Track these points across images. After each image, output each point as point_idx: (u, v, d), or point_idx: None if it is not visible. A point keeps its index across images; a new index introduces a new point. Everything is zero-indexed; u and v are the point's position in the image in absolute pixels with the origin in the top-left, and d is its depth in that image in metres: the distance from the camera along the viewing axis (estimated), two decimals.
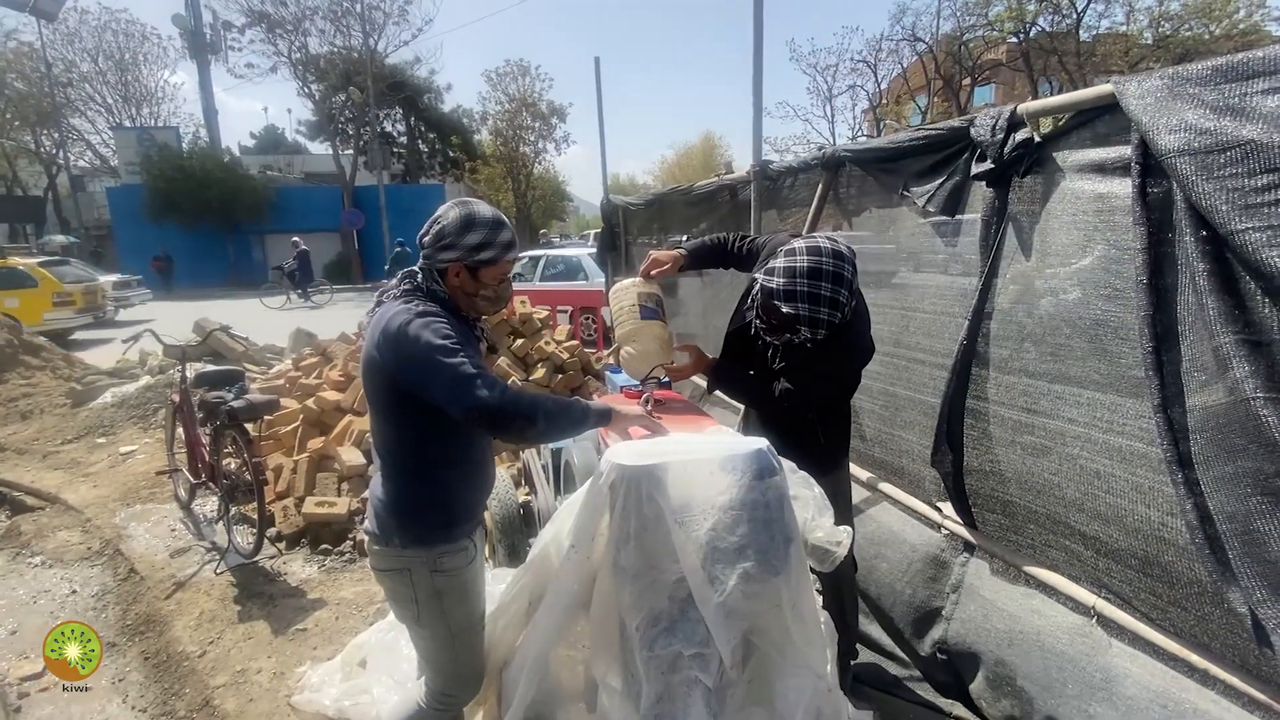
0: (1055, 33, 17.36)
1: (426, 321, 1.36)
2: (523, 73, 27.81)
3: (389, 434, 1.50)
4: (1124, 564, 1.63)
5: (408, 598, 1.50)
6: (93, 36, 26.58)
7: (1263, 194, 1.16)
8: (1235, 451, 1.23)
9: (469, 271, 1.47)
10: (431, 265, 1.48)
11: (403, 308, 1.40)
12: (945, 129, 2.06)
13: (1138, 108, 1.42)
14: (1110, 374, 1.57)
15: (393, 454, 1.51)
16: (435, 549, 1.48)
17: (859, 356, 1.80)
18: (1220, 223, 1.21)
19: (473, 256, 1.44)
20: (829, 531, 1.65)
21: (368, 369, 1.45)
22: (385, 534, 1.49)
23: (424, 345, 1.32)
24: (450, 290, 1.50)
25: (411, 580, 1.48)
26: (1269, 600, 1.22)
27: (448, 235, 1.43)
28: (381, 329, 1.39)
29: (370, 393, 1.48)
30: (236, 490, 3.28)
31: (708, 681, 1.42)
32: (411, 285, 1.49)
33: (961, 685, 2.02)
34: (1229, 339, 1.21)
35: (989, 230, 1.88)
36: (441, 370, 1.31)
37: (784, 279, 1.61)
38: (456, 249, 1.43)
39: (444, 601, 1.50)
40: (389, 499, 1.50)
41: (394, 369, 1.38)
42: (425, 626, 1.53)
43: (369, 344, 1.44)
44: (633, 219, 5.61)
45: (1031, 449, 1.82)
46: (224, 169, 21.47)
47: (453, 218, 1.44)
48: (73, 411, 5.78)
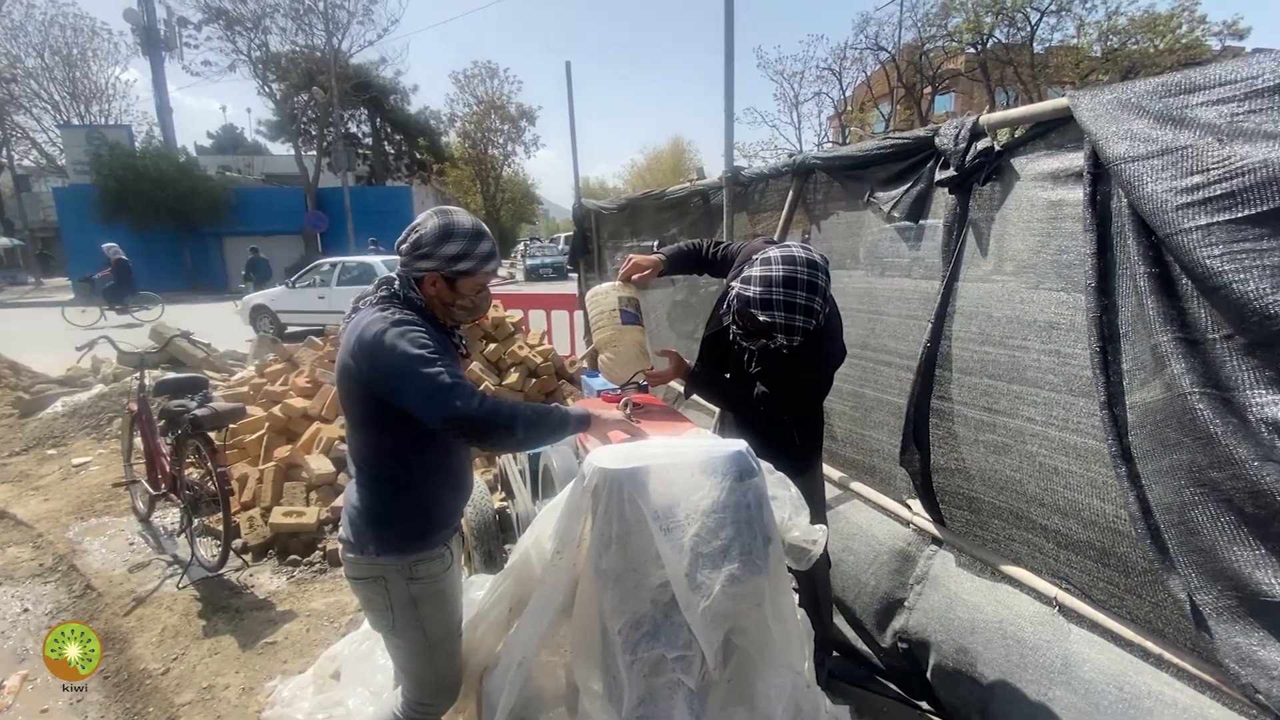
0: (1011, 45, 18.03)
1: (402, 330, 1.34)
2: (491, 75, 27.72)
3: (364, 441, 1.47)
4: (1082, 555, 1.70)
5: (383, 606, 1.48)
6: (39, 31, 25.53)
7: (1195, 193, 1.24)
8: (1171, 445, 1.31)
9: (446, 281, 1.45)
10: (409, 273, 1.46)
11: (378, 315, 1.38)
12: (911, 138, 2.13)
13: (1090, 119, 1.51)
14: (1064, 374, 1.65)
15: (367, 461, 1.48)
16: (410, 556, 1.46)
17: (832, 361, 1.85)
18: (1159, 224, 1.29)
19: (450, 267, 1.42)
20: (805, 530, 1.69)
21: (342, 377, 1.43)
22: (360, 542, 1.46)
23: (399, 354, 1.31)
24: (427, 298, 1.48)
25: (387, 588, 1.46)
26: (1204, 586, 1.30)
27: (425, 244, 1.40)
28: (356, 337, 1.37)
29: (345, 400, 1.46)
30: (200, 501, 3.18)
31: (690, 683, 1.45)
32: (388, 292, 1.47)
33: (920, 673, 2.08)
34: (1167, 338, 1.29)
35: (951, 235, 1.95)
36: (418, 380, 1.30)
37: (760, 288, 1.64)
38: (434, 258, 1.41)
39: (420, 609, 1.49)
40: (363, 507, 1.47)
41: (369, 378, 1.36)
42: (401, 636, 1.51)
43: (343, 351, 1.41)
44: (605, 223, 5.63)
45: (993, 447, 1.89)
46: (180, 169, 20.73)
47: (431, 227, 1.41)
48: (20, 422, 5.51)
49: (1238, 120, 1.26)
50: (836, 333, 1.85)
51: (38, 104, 26.58)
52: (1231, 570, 1.28)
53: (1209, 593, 1.32)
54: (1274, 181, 1.15)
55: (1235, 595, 1.29)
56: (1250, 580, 1.25)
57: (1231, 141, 1.24)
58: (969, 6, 17.71)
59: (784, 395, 1.81)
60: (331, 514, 3.46)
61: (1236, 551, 1.26)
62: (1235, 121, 1.26)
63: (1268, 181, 1.16)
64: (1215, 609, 1.31)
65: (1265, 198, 1.15)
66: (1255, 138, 1.22)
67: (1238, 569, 1.26)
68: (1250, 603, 1.27)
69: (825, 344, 1.79)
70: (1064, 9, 16.97)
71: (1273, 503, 1.17)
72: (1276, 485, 1.16)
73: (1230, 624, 1.30)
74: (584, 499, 1.40)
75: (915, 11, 19.60)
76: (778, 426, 1.89)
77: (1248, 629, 1.28)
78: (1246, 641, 1.27)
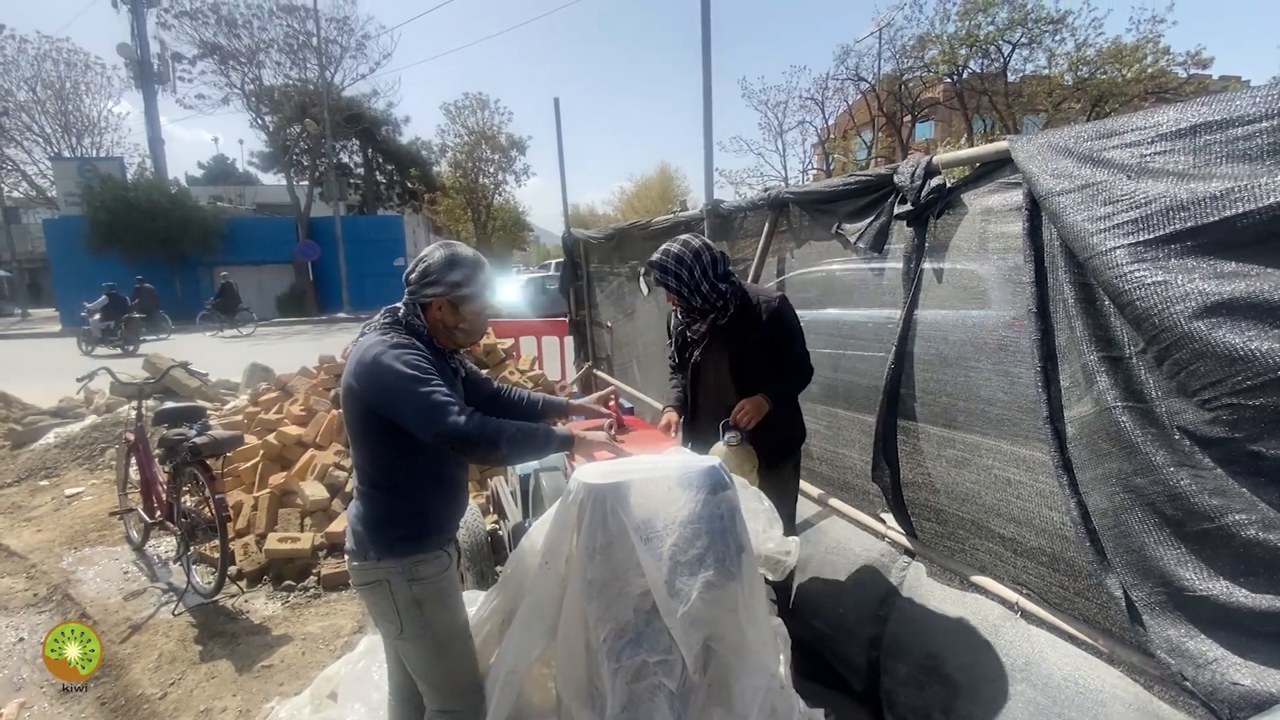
0: (985, 74, 18.65)
1: (399, 353, 1.48)
2: (482, 106, 28.20)
3: (363, 454, 1.59)
4: (1036, 561, 1.83)
5: (389, 610, 1.56)
6: (31, 65, 25.78)
7: (1107, 220, 1.39)
8: (1103, 455, 1.45)
9: (451, 306, 1.59)
10: (415, 300, 1.59)
11: (379, 339, 1.52)
12: (873, 175, 2.30)
13: (1025, 159, 1.67)
14: (1013, 392, 1.79)
15: (366, 472, 1.60)
16: (410, 558, 1.56)
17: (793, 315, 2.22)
18: (1080, 249, 1.44)
19: (454, 292, 1.57)
20: (779, 542, 1.80)
21: (345, 396, 1.56)
22: (361, 548, 1.57)
23: (396, 373, 1.45)
24: (430, 324, 1.61)
25: (390, 591, 1.55)
26: (1138, 584, 1.42)
27: (433, 272, 1.56)
28: (358, 358, 1.51)
29: (347, 418, 1.58)
30: (196, 529, 3.24)
31: (672, 685, 1.54)
32: (392, 319, 1.60)
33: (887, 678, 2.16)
34: (1094, 357, 1.44)
35: (910, 265, 2.11)
36: (413, 398, 1.43)
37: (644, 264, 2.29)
38: (440, 285, 1.56)
39: (425, 610, 1.57)
40: (363, 514, 1.59)
41: (369, 396, 1.50)
42: (410, 639, 1.59)
43: (347, 373, 1.55)
44: (594, 251, 5.80)
45: (955, 461, 2.03)
46: (171, 200, 20.84)
47: (438, 257, 1.58)
48: (13, 454, 5.53)
49: (1145, 160, 1.42)
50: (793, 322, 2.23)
51: (29, 137, 26.73)
52: (1159, 568, 1.40)
53: (1142, 589, 1.44)
54: (1171, 210, 1.30)
55: (1164, 591, 1.41)
56: (1175, 577, 1.37)
57: (1139, 178, 1.40)
58: (944, 39, 18.36)
59: (800, 351, 2.20)
60: (326, 539, 3.52)
61: (1162, 551, 1.39)
62: (1144, 161, 1.43)
63: (1166, 210, 1.31)
64: (1147, 604, 1.43)
65: (1163, 223, 1.31)
66: (1159, 175, 1.38)
67: (1164, 567, 1.39)
68: (1176, 598, 1.39)
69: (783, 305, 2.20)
70: (1035, 41, 17.64)
71: (1188, 505, 1.30)
72: (1190, 488, 1.29)
73: (1161, 618, 1.42)
74: (570, 512, 1.51)
75: (893, 44, 20.31)
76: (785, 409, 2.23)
77: (1176, 622, 1.40)
78: (1176, 633, 1.39)
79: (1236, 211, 1.19)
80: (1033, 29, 17.25)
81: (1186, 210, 1.26)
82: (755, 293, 2.24)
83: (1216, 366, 1.18)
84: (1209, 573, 1.29)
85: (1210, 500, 1.24)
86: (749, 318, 2.18)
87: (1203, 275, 1.22)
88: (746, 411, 2.08)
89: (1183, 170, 1.30)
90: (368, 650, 2.30)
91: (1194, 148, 1.29)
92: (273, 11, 22.08)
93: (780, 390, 2.16)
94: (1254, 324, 1.14)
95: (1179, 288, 1.23)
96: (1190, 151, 1.30)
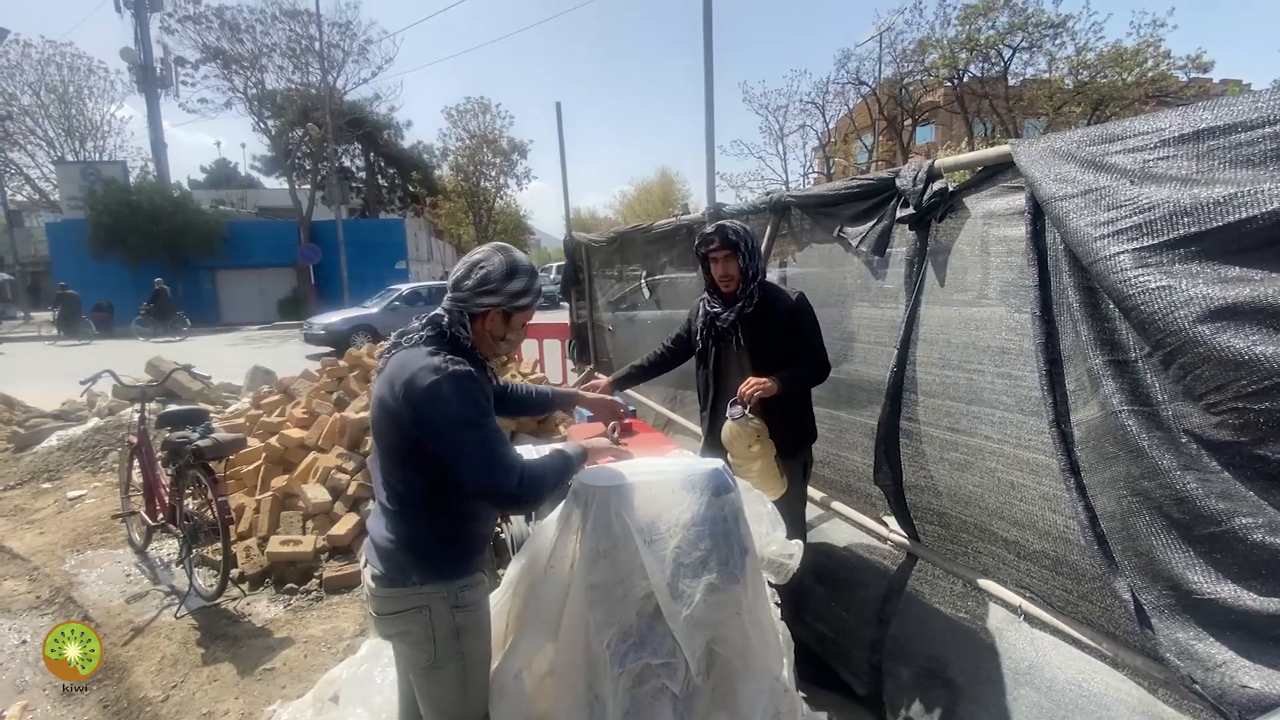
0: (986, 79, 18.70)
1: (457, 385, 1.33)
2: (483, 110, 28.27)
3: (402, 476, 1.44)
4: (1040, 564, 1.82)
5: (424, 638, 1.44)
6: (35, 70, 25.93)
7: (1110, 225, 1.40)
8: (1110, 458, 1.45)
9: (504, 316, 1.48)
10: (466, 309, 1.46)
11: (430, 362, 1.35)
12: (875, 179, 2.31)
13: (1027, 164, 1.67)
14: (1016, 394, 1.79)
15: (402, 495, 1.45)
16: (457, 582, 1.45)
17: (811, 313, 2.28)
18: (1083, 254, 1.44)
19: (512, 302, 1.46)
20: (782, 545, 1.81)
21: (382, 413, 1.40)
22: (400, 573, 1.42)
23: (452, 415, 1.31)
24: (477, 334, 1.49)
25: (430, 619, 1.43)
26: (1146, 586, 1.42)
27: (492, 281, 1.43)
28: (405, 381, 1.34)
29: (382, 435, 1.43)
30: (199, 531, 3.24)
31: (675, 689, 1.54)
32: (435, 330, 1.45)
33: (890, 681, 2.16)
34: (1099, 360, 1.44)
35: (912, 268, 2.11)
36: (466, 446, 1.31)
37: (697, 238, 2.26)
38: (499, 294, 1.44)
39: (463, 639, 1.47)
40: (402, 537, 1.44)
41: (414, 428, 1.35)
42: (441, 668, 1.47)
43: (385, 387, 1.40)
44: (595, 254, 5.81)
45: (957, 464, 2.02)
46: (174, 203, 20.93)
47: (498, 263, 1.44)
48: (15, 456, 5.54)
49: (1148, 165, 1.43)
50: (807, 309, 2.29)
51: (32, 141, 26.88)
52: (1168, 571, 1.40)
53: (1150, 592, 1.44)
54: (1175, 216, 1.31)
55: (1173, 594, 1.41)
56: (1184, 580, 1.37)
57: (1142, 183, 1.40)
58: (944, 43, 18.42)
59: (817, 345, 2.27)
60: (328, 542, 3.52)
61: (1170, 554, 1.39)
62: (1146, 166, 1.43)
63: (1170, 216, 1.32)
64: (1156, 607, 1.43)
65: (1167, 229, 1.31)
66: (1161, 180, 1.38)
67: (1173, 570, 1.39)
68: (1185, 601, 1.39)
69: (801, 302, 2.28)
70: (1035, 45, 17.70)
71: (1195, 508, 1.30)
72: (1197, 492, 1.29)
73: (1170, 620, 1.42)
74: (574, 515, 1.51)
75: (894, 48, 20.40)
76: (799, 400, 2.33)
77: (1185, 624, 1.39)
78: (1185, 636, 1.39)
79: (1240, 217, 1.19)
80: (1033, 33, 17.31)
81: (1190, 216, 1.26)
82: (775, 289, 2.33)
83: (1221, 371, 1.18)
84: (1217, 576, 1.28)
85: (1217, 504, 1.24)
86: (770, 311, 2.25)
87: (1207, 280, 1.22)
88: (751, 386, 2.10)
89: (1186, 175, 1.31)
90: (370, 653, 2.30)
91: (1197, 153, 1.29)
92: (276, 16, 22.23)
93: (791, 375, 2.17)
94: (1259, 329, 1.14)
95: (1183, 292, 1.23)
96: (1194, 157, 1.30)
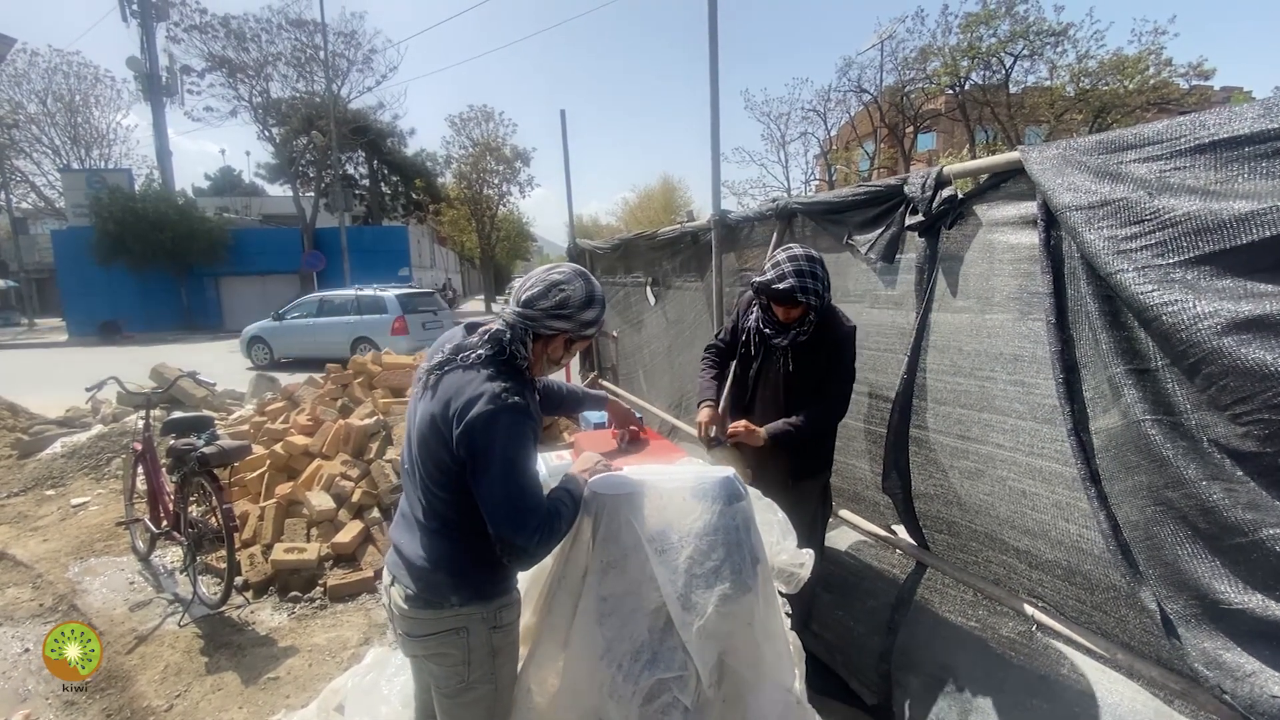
0: (987, 86, 18.75)
1: (512, 420, 1.30)
2: (486, 118, 28.31)
3: (443, 497, 1.39)
4: (1051, 574, 1.81)
5: (459, 660, 1.42)
6: (42, 78, 26.13)
7: (1130, 241, 1.39)
8: (1132, 468, 1.43)
9: (568, 342, 1.47)
10: (534, 328, 1.41)
11: (488, 389, 1.31)
12: (883, 185, 2.30)
13: (1039, 172, 1.66)
14: (1028, 402, 1.77)
15: (444, 515, 1.41)
16: (495, 602, 1.44)
17: (852, 349, 2.20)
18: (1101, 265, 1.43)
19: (581, 331, 1.44)
20: (792, 554, 1.79)
21: (430, 430, 1.36)
22: (437, 594, 1.39)
23: (497, 454, 1.28)
24: (534, 354, 1.45)
25: (467, 641, 1.41)
26: (1172, 596, 1.40)
27: (570, 306, 1.40)
28: (461, 406, 1.30)
29: (429, 454, 1.38)
30: (203, 539, 3.23)
31: (687, 701, 1.51)
32: (496, 349, 1.39)
33: (900, 691, 2.14)
34: (1119, 369, 1.42)
35: (922, 275, 2.10)
36: (503, 489, 1.29)
37: (771, 270, 2.09)
38: (573, 320, 1.41)
39: (497, 660, 1.46)
40: (439, 557, 1.40)
41: (459, 449, 1.31)
42: (472, 690, 1.45)
43: (437, 405, 1.35)
44: (599, 261, 5.81)
45: (968, 473, 2.01)
46: (178, 211, 21.04)
47: (579, 289, 1.41)
48: (19, 463, 5.54)
49: (1165, 176, 1.42)
50: (850, 337, 2.21)
51: (38, 148, 27.05)
52: (1194, 581, 1.38)
53: (1176, 602, 1.42)
54: (1195, 232, 1.30)
55: (1199, 604, 1.39)
56: (1211, 590, 1.35)
57: (1159, 194, 1.40)
58: (946, 52, 18.49)
59: (845, 392, 2.19)
60: (332, 550, 3.51)
61: (1196, 564, 1.37)
62: (1163, 177, 1.42)
63: (1191, 232, 1.31)
64: (1183, 617, 1.41)
65: (1189, 246, 1.30)
66: (1179, 192, 1.37)
67: (1199, 580, 1.37)
68: (1212, 611, 1.37)
69: (841, 336, 2.18)
70: (1036, 53, 17.74)
71: (1221, 518, 1.28)
72: (1223, 502, 1.27)
73: (1197, 630, 1.40)
74: (585, 523, 1.50)
75: (895, 56, 20.47)
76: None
77: (1213, 634, 1.37)
78: (1213, 646, 1.37)
79: (1266, 236, 1.18)
80: (1034, 41, 17.35)
81: (1214, 233, 1.25)
82: (833, 314, 2.22)
83: (1248, 382, 1.17)
84: (1245, 586, 1.27)
85: (1244, 514, 1.23)
86: (822, 339, 2.16)
87: (1232, 296, 1.21)
88: (738, 430, 2.16)
89: (1205, 187, 1.30)
90: (375, 663, 2.28)
91: (1215, 163, 1.29)
92: (281, 25, 22.40)
93: (799, 425, 2.15)
94: None
95: (1206, 306, 1.23)
96: (1211, 167, 1.29)
